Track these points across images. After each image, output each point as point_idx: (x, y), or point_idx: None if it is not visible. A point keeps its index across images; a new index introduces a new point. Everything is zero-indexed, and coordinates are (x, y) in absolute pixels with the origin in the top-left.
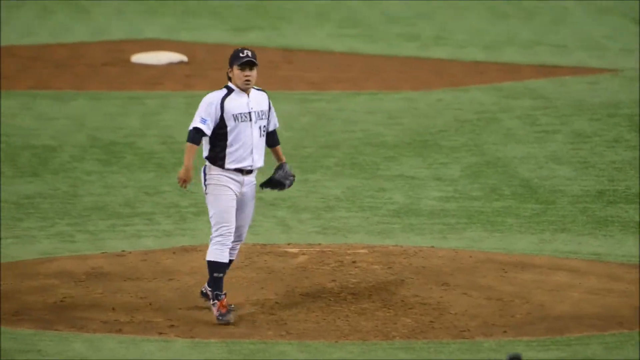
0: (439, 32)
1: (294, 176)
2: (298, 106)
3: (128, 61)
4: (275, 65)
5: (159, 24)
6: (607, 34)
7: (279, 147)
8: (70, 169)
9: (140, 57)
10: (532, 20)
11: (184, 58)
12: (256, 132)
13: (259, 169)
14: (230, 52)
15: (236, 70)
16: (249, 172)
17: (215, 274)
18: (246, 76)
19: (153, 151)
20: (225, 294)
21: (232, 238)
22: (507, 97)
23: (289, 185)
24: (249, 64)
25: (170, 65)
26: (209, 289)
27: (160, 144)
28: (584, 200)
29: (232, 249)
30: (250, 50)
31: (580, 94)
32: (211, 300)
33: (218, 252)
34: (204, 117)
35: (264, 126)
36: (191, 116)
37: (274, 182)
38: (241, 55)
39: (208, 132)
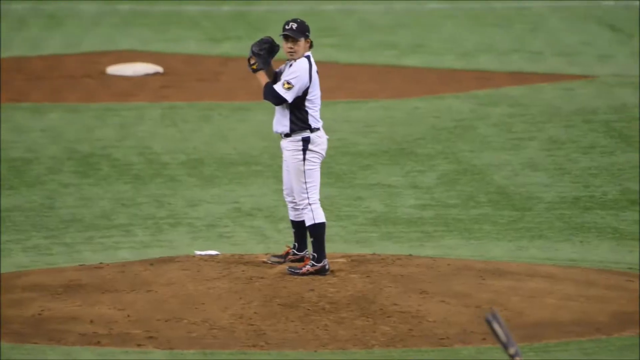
0: (416, 40)
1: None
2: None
3: (103, 73)
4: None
5: (134, 36)
6: (582, 40)
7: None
8: (47, 181)
9: (116, 69)
10: (508, 28)
11: (159, 69)
12: None
13: (281, 135)
14: (204, 62)
15: (282, 41)
16: (281, 137)
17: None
18: (289, 47)
19: (129, 162)
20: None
21: (287, 199)
22: (483, 104)
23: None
24: (287, 37)
25: (146, 76)
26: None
27: (137, 155)
28: (560, 206)
29: (294, 209)
30: (296, 22)
31: (555, 100)
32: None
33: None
34: None
35: None
36: (167, 127)
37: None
38: (286, 27)
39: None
